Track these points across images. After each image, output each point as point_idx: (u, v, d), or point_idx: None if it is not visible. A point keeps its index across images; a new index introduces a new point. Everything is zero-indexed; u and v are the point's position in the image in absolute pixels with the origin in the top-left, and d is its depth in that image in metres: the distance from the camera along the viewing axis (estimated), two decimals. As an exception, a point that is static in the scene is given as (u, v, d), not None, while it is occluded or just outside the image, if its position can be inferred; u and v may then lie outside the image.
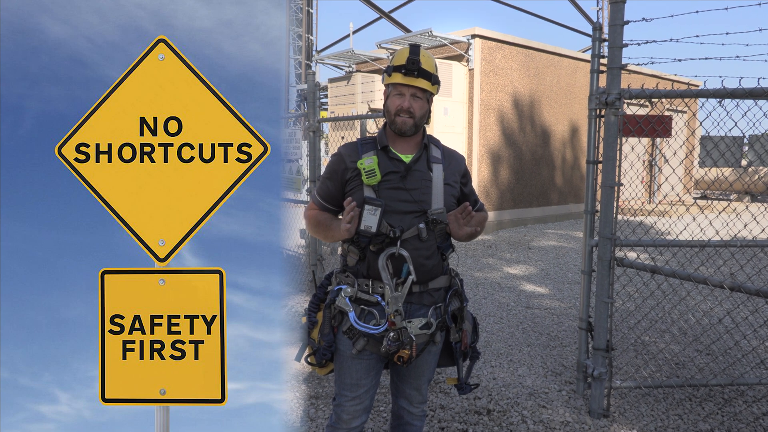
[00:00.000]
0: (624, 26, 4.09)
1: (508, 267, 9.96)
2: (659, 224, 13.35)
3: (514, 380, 5.04)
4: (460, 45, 13.24)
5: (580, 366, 4.65)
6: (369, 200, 2.61)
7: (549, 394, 4.75)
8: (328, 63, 17.65)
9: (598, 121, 4.41)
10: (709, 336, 5.94)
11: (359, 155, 2.75)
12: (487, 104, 13.60)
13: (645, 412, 4.40)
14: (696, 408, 4.46)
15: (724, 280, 3.87)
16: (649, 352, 5.62)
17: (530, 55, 14.55)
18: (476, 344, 3.09)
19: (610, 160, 4.19)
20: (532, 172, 14.91)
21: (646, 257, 9.96)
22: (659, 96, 4.06)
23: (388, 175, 2.72)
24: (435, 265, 2.80)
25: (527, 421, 4.29)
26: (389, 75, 2.72)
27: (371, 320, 2.70)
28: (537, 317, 6.97)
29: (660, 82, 5.17)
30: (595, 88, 4.36)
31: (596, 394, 4.36)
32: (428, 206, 2.74)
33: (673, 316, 6.73)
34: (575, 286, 8.56)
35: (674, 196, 17.93)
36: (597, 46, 4.43)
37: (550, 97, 15.14)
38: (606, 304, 4.32)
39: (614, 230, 4.24)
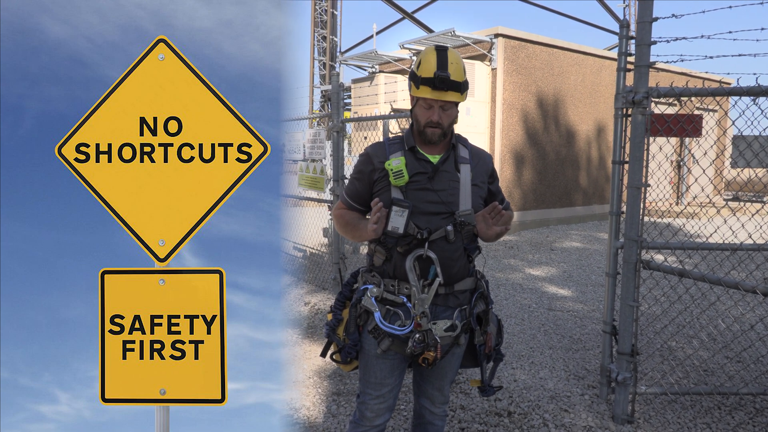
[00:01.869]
0: (652, 23, 4.00)
1: (530, 268, 9.88)
2: (688, 226, 13.09)
3: (536, 383, 4.97)
4: (483, 45, 13.18)
5: (604, 370, 4.55)
6: (397, 201, 2.59)
7: (571, 397, 4.67)
8: (351, 64, 17.68)
9: (625, 120, 4.32)
10: (740, 343, 5.70)
11: (387, 155, 2.73)
12: (510, 104, 13.52)
13: (671, 420, 4.26)
14: (725, 417, 4.30)
15: (757, 285, 3.71)
16: (676, 358, 5.45)
17: (554, 54, 14.42)
18: (500, 346, 3.06)
19: (637, 160, 4.09)
20: (556, 172, 14.78)
21: (673, 260, 9.78)
22: (689, 94, 3.97)
23: (415, 176, 2.69)
24: (461, 267, 2.78)
25: (548, 425, 4.22)
26: (417, 87, 2.65)
27: (396, 321, 2.69)
28: (559, 319, 6.88)
29: (690, 80, 5.05)
30: (622, 87, 4.26)
31: (620, 399, 4.25)
32: (456, 207, 2.72)
33: (702, 321, 6.49)
34: (599, 289, 8.43)
35: (704, 197, 17.64)
36: (624, 44, 4.35)
37: (574, 96, 15.00)
38: (631, 307, 4.21)
39: (640, 232, 4.16)
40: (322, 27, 29.56)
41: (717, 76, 17.44)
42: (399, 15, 23.47)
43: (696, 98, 7.26)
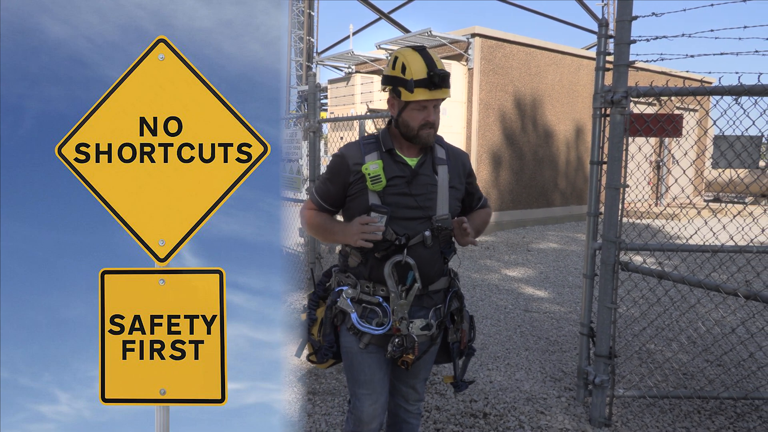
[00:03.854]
0: (632, 21, 3.99)
1: (506, 269, 9.93)
2: (668, 227, 13.17)
3: (512, 384, 4.99)
4: (460, 44, 13.24)
5: (581, 372, 4.56)
6: (375, 207, 2.58)
7: (548, 399, 4.68)
8: (328, 64, 17.68)
9: (604, 120, 4.32)
10: (721, 346, 5.69)
11: (362, 157, 2.68)
12: (486, 104, 13.59)
13: (650, 423, 4.27)
14: (705, 421, 4.29)
15: (738, 287, 3.72)
16: (654, 361, 5.47)
17: (531, 54, 14.53)
18: (473, 342, 3.07)
19: (616, 160, 4.10)
20: (534, 172, 14.89)
21: (653, 262, 9.85)
22: (669, 94, 3.95)
23: (393, 180, 2.66)
24: (438, 269, 2.79)
25: (524, 427, 4.22)
26: (410, 91, 2.56)
27: (374, 318, 2.69)
28: (536, 321, 6.91)
29: (670, 80, 5.06)
30: (601, 86, 4.26)
31: (597, 401, 4.25)
32: (433, 212, 2.70)
33: (682, 324, 6.52)
34: (576, 290, 8.48)
35: (684, 198, 17.76)
36: (603, 43, 4.34)
37: (552, 96, 15.12)
38: (609, 309, 4.21)
39: (619, 233, 4.15)
40: (299, 28, 29.47)
41: (698, 75, 17.59)
42: (375, 15, 23.47)
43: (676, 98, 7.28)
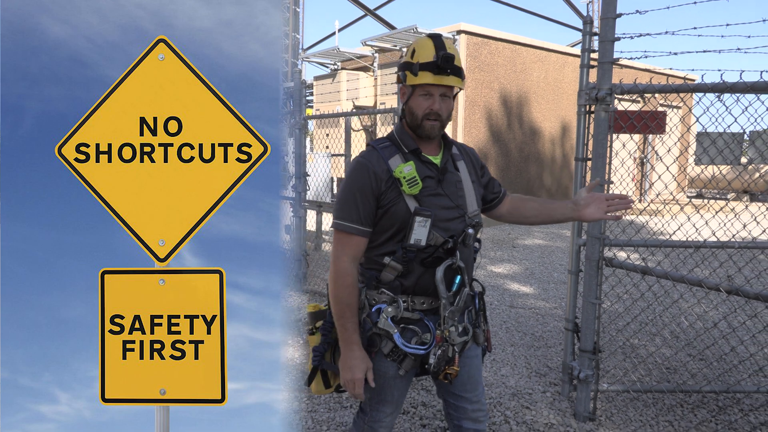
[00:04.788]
0: (616, 19, 4.02)
1: (492, 265, 9.98)
2: (651, 224, 13.27)
3: (497, 380, 5.03)
4: (447, 43, 13.25)
5: (566, 367, 4.61)
6: (419, 211, 2.44)
7: (533, 395, 4.73)
8: (314, 61, 17.68)
9: (588, 117, 4.34)
10: (703, 341, 5.79)
11: (385, 162, 2.50)
12: (472, 101, 13.64)
13: (633, 417, 4.33)
14: (688, 415, 4.37)
15: (720, 282, 3.75)
16: (638, 356, 5.55)
17: (517, 51, 14.61)
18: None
19: (600, 157, 4.14)
20: (519, 169, 14.98)
21: (636, 257, 9.94)
22: (653, 91, 3.99)
23: (425, 180, 2.50)
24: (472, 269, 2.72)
25: (510, 422, 4.26)
26: (415, 74, 2.43)
27: (412, 338, 2.54)
28: (521, 317, 6.97)
29: (654, 77, 5.11)
30: (585, 84, 4.28)
31: (582, 396, 4.31)
32: (465, 209, 2.61)
33: (665, 319, 6.63)
34: (561, 286, 8.57)
35: (667, 194, 17.92)
36: (587, 40, 4.37)
37: (537, 93, 15.21)
38: (593, 305, 4.25)
39: (603, 229, 4.21)
40: (285, 24, 29.35)
41: (681, 73, 17.74)
42: (361, 12, 23.47)
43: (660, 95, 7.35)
